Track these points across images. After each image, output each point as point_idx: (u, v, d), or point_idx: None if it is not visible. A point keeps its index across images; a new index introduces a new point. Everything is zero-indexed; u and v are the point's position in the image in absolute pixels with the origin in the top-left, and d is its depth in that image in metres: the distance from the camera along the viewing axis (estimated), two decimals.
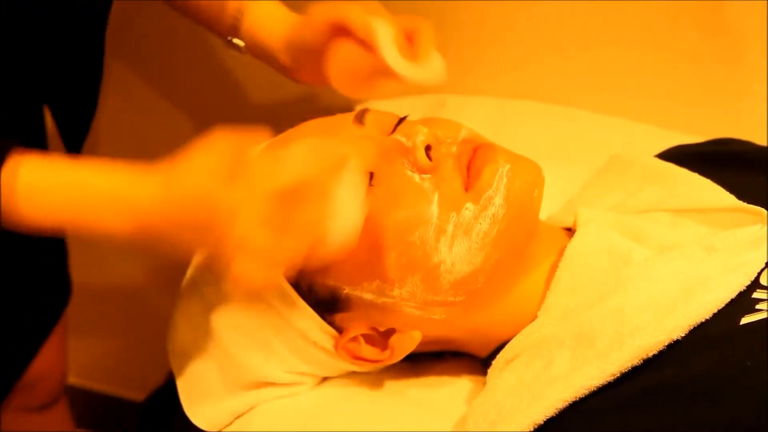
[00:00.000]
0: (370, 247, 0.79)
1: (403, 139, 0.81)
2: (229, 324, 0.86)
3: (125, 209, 0.70)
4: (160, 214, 0.70)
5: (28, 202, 0.70)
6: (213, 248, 0.71)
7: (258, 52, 0.96)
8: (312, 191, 0.71)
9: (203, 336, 0.88)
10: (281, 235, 0.69)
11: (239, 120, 1.50)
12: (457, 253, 0.79)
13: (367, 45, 0.81)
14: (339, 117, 0.87)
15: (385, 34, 0.81)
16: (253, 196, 0.69)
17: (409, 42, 0.82)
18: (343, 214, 0.74)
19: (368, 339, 0.84)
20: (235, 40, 0.97)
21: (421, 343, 0.84)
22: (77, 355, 1.76)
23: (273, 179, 0.69)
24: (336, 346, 0.84)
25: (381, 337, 0.84)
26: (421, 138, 0.80)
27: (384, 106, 0.91)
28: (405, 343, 0.83)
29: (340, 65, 0.85)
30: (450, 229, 0.79)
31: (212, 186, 0.69)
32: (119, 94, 1.45)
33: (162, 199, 0.70)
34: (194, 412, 0.89)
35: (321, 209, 0.71)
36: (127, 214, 0.70)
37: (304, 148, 0.73)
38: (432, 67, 0.81)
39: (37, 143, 1.09)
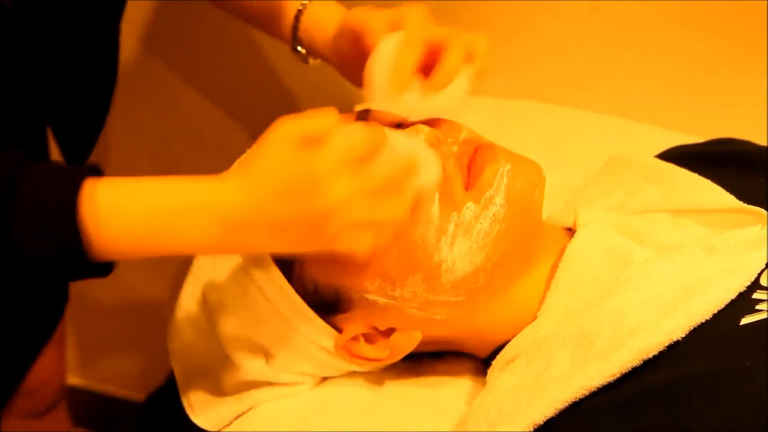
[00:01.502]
0: None
1: None
2: (229, 323, 0.86)
3: (209, 214, 0.68)
4: (246, 206, 0.69)
5: (112, 225, 0.67)
6: (309, 225, 0.69)
7: (317, 56, 0.97)
8: (385, 151, 0.72)
9: (203, 335, 0.88)
10: (378, 195, 0.70)
11: (239, 120, 1.51)
12: (458, 252, 0.79)
13: None
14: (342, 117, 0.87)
15: (380, 60, 0.81)
16: (338, 160, 0.69)
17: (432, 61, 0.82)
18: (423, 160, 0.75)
19: (368, 338, 0.84)
20: (299, 48, 0.97)
21: (422, 343, 0.84)
22: (77, 355, 1.76)
23: (350, 143, 0.70)
24: (336, 346, 0.84)
25: (381, 337, 0.84)
26: (422, 137, 0.80)
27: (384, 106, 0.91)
28: (405, 343, 0.83)
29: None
30: (451, 228, 0.79)
31: (294, 155, 0.68)
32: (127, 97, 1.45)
33: (245, 188, 0.69)
34: (195, 411, 0.89)
35: (402, 163, 0.72)
36: (211, 218, 0.68)
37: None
38: (442, 97, 0.81)
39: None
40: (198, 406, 0.89)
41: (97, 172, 0.70)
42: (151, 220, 0.68)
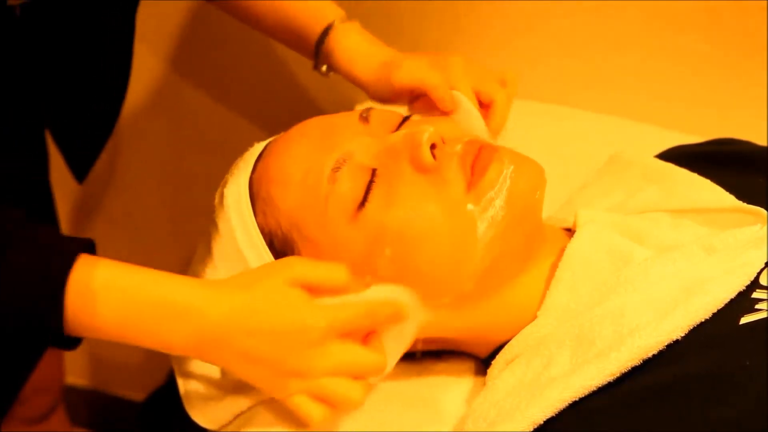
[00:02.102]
0: (368, 243, 0.79)
1: (409, 138, 0.81)
2: None
3: (191, 321, 0.70)
4: (229, 326, 0.70)
5: (99, 309, 0.68)
6: (278, 373, 0.72)
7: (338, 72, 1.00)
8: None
9: None
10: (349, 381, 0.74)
11: (240, 117, 1.51)
12: None
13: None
14: (343, 115, 0.87)
15: (470, 107, 0.90)
16: (335, 328, 0.72)
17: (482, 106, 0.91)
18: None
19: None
20: (323, 69, 1.01)
21: (419, 342, 0.83)
22: (77, 355, 1.76)
23: (354, 315, 0.73)
24: None
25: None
26: (427, 136, 0.79)
27: (385, 105, 0.92)
28: None
29: None
30: None
31: (296, 300, 0.71)
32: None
33: (235, 308, 0.70)
34: (195, 410, 0.89)
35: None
36: (191, 326, 0.70)
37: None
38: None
39: (39, 164, 1.09)
40: (198, 405, 0.89)
41: (91, 248, 0.70)
42: (135, 312, 0.69)
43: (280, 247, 0.82)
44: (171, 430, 1.07)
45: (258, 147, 0.89)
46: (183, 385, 0.90)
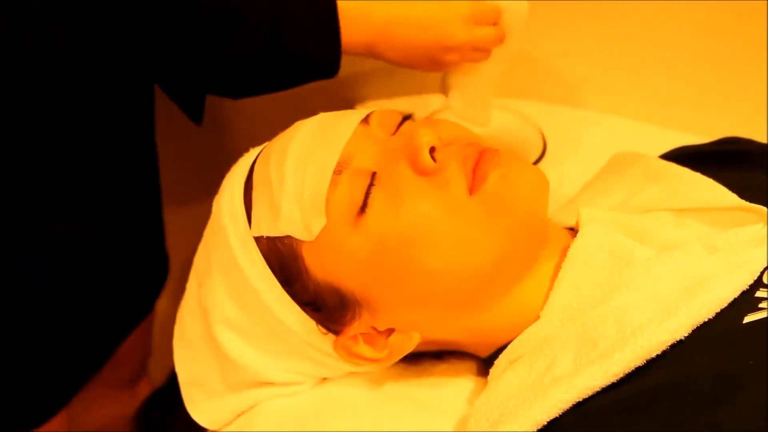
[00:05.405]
0: (372, 247, 0.79)
1: (408, 141, 0.81)
2: (226, 327, 0.86)
3: (358, 21, 0.93)
4: (389, 21, 0.94)
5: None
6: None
7: None
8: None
9: (203, 335, 0.88)
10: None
11: (239, 116, 1.51)
12: None
13: None
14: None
15: None
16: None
17: None
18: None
19: (366, 338, 0.84)
20: None
21: (421, 343, 0.84)
22: None
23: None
24: (335, 345, 0.84)
25: (380, 337, 0.84)
26: (426, 139, 0.79)
27: (385, 105, 0.92)
28: (404, 344, 0.83)
29: None
30: None
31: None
32: None
33: (392, 8, 0.94)
34: (196, 410, 0.89)
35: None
36: (360, 25, 0.93)
37: None
38: None
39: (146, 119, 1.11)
40: (199, 404, 0.89)
41: None
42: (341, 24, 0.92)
43: (281, 250, 0.82)
44: (171, 429, 1.07)
45: (253, 152, 0.90)
46: (184, 385, 0.90)
